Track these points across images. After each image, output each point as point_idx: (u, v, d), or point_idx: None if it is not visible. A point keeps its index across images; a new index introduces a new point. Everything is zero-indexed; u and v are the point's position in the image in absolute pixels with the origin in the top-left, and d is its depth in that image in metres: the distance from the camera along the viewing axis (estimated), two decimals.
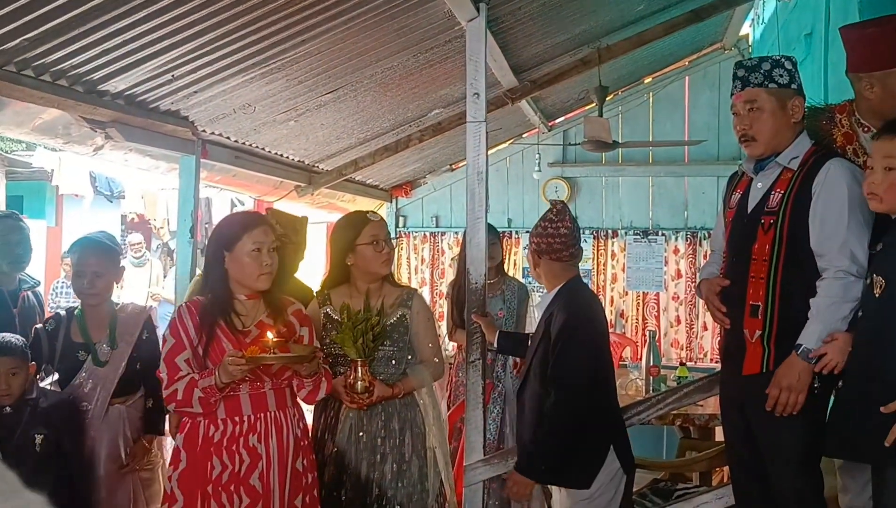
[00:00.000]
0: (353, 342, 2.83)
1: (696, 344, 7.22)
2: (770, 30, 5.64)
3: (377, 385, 2.89)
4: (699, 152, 7.09)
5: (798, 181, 2.44)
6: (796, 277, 2.43)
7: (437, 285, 7.66)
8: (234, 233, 2.67)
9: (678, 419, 4.48)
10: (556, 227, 2.93)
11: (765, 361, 2.46)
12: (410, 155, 6.34)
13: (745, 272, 2.50)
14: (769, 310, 2.45)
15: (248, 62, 3.44)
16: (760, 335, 2.46)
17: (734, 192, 2.68)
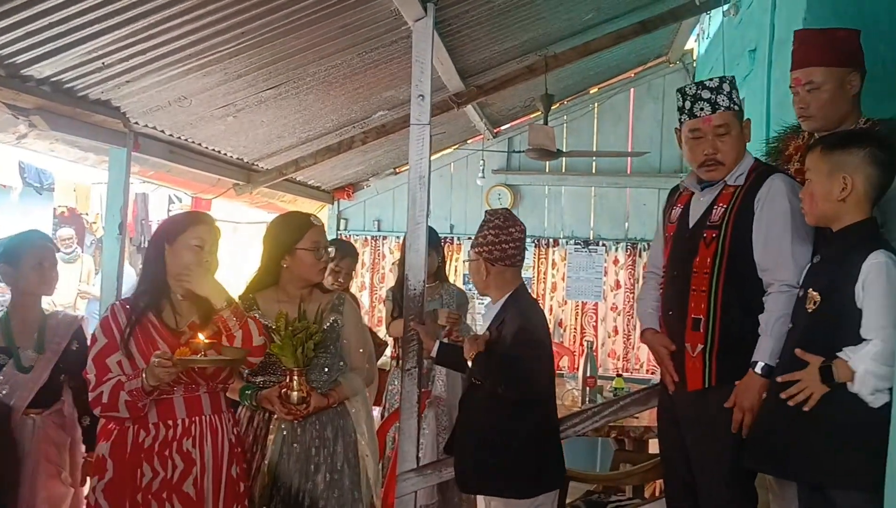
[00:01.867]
0: (292, 351, 2.71)
1: (632, 355, 7.29)
2: (715, 45, 5.71)
3: (313, 395, 2.78)
4: (641, 164, 7.17)
5: (741, 196, 2.46)
6: (737, 290, 2.44)
7: (378, 289, 7.57)
8: (178, 226, 2.58)
9: (613, 432, 4.47)
10: (509, 232, 2.91)
11: (707, 376, 2.45)
12: (353, 157, 6.25)
13: (687, 286, 2.50)
14: (711, 323, 2.45)
15: (184, 52, 3.31)
16: (702, 349, 2.46)
17: (674, 207, 2.69)
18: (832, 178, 2.11)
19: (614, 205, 7.40)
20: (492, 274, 2.91)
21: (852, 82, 2.54)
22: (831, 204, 2.13)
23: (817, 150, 2.19)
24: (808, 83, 2.55)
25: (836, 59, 2.55)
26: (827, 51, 2.57)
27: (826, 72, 2.53)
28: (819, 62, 2.55)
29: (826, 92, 2.52)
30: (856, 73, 2.54)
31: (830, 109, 2.53)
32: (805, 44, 2.64)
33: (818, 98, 2.53)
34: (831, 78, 2.52)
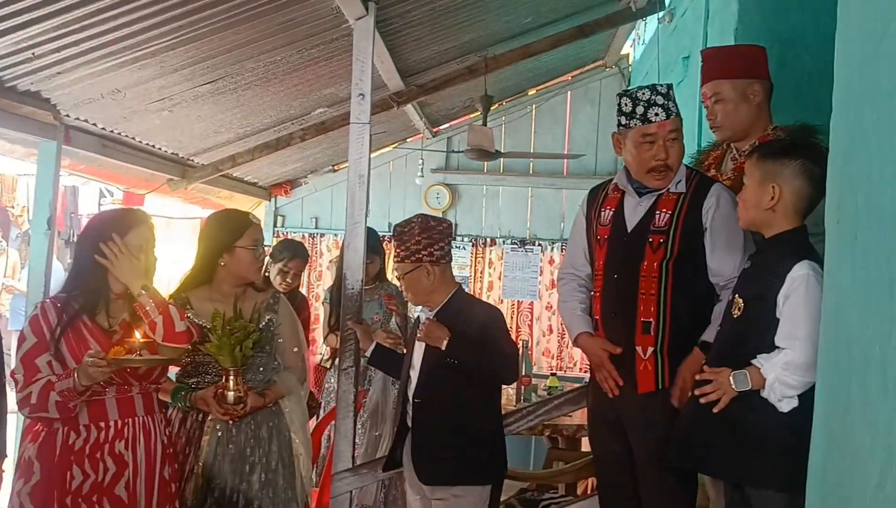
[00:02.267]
0: (229, 350, 2.67)
1: (566, 353, 7.40)
2: (650, 51, 5.83)
3: (250, 395, 2.75)
4: (577, 166, 7.28)
5: (686, 203, 2.53)
6: (685, 293, 2.52)
7: (314, 287, 7.52)
8: (119, 226, 2.52)
9: (547, 430, 4.54)
10: (438, 230, 2.94)
11: (659, 378, 2.51)
12: (292, 154, 6.20)
13: (634, 290, 2.54)
14: (661, 326, 2.51)
15: (118, 45, 3.24)
16: (653, 351, 2.52)
17: (603, 208, 2.71)
18: (763, 186, 2.16)
19: (550, 205, 7.50)
20: (437, 275, 2.91)
21: (755, 92, 2.69)
22: (760, 212, 2.19)
23: (754, 157, 2.25)
24: (714, 95, 2.71)
25: (736, 72, 2.70)
26: (728, 65, 2.73)
27: (729, 84, 2.69)
28: (721, 75, 2.70)
29: (731, 102, 2.68)
30: (758, 83, 2.70)
31: (736, 118, 2.69)
32: (709, 60, 2.81)
33: (724, 109, 2.69)
34: (734, 89, 2.68)
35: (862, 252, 1.53)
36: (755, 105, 2.70)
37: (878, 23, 1.50)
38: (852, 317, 1.56)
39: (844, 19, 1.70)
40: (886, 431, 1.38)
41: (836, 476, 1.61)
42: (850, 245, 1.57)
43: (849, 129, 1.65)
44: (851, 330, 1.56)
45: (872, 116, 1.51)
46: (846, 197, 1.63)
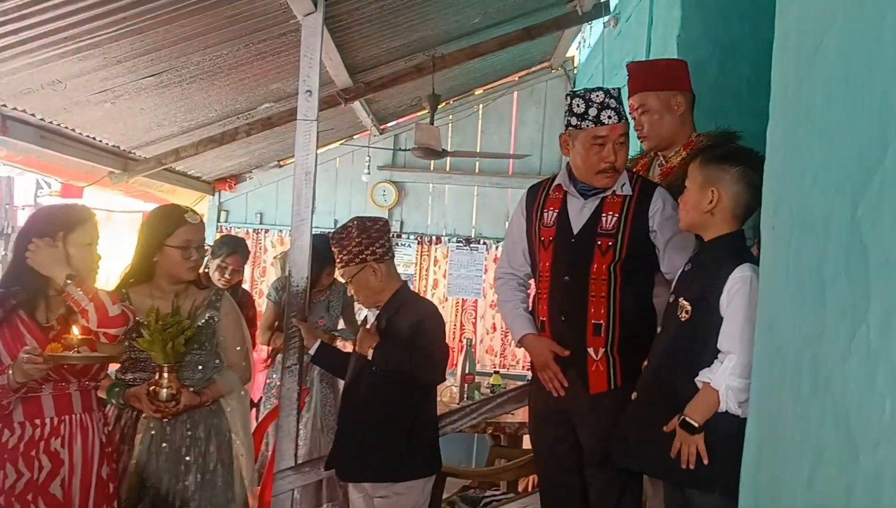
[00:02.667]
0: (161, 346, 2.63)
1: (509, 352, 7.45)
2: (595, 54, 5.92)
3: (184, 393, 2.70)
4: (522, 166, 7.34)
5: (632, 206, 2.58)
6: (633, 294, 2.58)
7: (258, 283, 7.44)
8: (66, 223, 2.47)
9: (490, 428, 4.59)
10: (376, 229, 2.96)
11: (611, 378, 2.56)
12: (237, 148, 6.12)
13: (584, 293, 2.57)
14: (611, 327, 2.55)
15: (59, 35, 3.16)
16: (605, 352, 2.56)
17: (545, 209, 2.72)
18: (703, 189, 2.21)
19: (496, 204, 7.55)
20: (384, 273, 2.93)
21: (678, 103, 2.79)
22: (699, 214, 2.23)
23: (698, 160, 2.29)
24: (640, 106, 2.80)
25: (660, 84, 2.80)
26: (651, 78, 2.83)
27: (654, 95, 2.78)
28: (646, 88, 2.80)
29: (656, 113, 2.78)
30: (680, 95, 2.80)
31: (661, 128, 2.79)
32: (635, 74, 2.89)
33: (650, 119, 2.79)
34: (658, 100, 2.79)
35: (795, 257, 1.58)
36: (678, 115, 2.79)
37: (812, 36, 1.55)
38: (786, 320, 1.62)
39: (781, 31, 1.75)
40: (816, 430, 1.43)
41: (768, 475, 1.67)
42: (785, 251, 1.63)
43: (784, 137, 1.71)
44: (784, 333, 1.61)
45: (806, 125, 1.57)
46: (781, 204, 1.68)
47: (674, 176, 2.74)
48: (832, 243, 1.40)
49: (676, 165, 2.78)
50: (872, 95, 1.29)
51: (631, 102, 2.82)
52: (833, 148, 1.44)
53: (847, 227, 1.35)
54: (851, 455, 1.28)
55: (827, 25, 1.49)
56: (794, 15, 1.69)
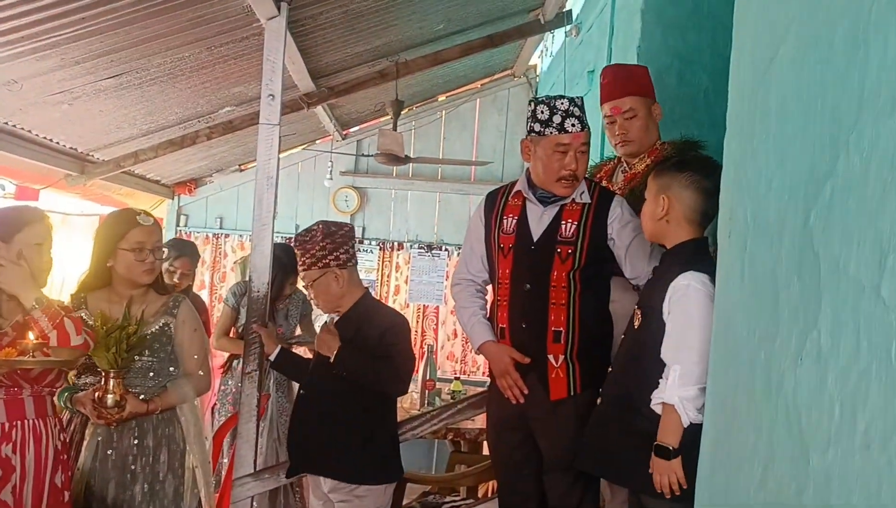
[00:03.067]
0: (105, 351, 2.57)
1: (470, 358, 7.47)
2: (557, 63, 5.98)
3: (130, 400, 2.64)
4: (484, 173, 7.37)
5: (591, 214, 2.60)
6: (592, 302, 2.60)
7: (218, 288, 7.37)
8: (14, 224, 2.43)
9: (450, 434, 4.60)
10: (341, 235, 2.95)
11: (571, 385, 2.58)
12: (197, 152, 6.06)
13: (545, 300, 2.58)
14: (571, 334, 2.57)
15: (16, 34, 3.11)
16: (564, 359, 2.58)
17: (504, 216, 2.73)
18: (656, 198, 2.25)
19: (458, 211, 7.56)
20: (346, 279, 2.92)
21: (657, 111, 2.86)
22: (655, 222, 2.27)
23: (654, 172, 2.34)
24: (628, 111, 2.81)
25: (643, 91, 2.85)
26: (637, 83, 2.87)
27: (640, 101, 2.82)
28: (636, 92, 2.82)
29: (641, 119, 2.82)
30: (656, 102, 2.85)
31: (645, 134, 2.83)
32: (621, 77, 2.91)
33: (636, 124, 2.81)
34: (644, 106, 2.82)
35: (750, 263, 1.62)
36: (656, 124, 2.84)
37: (767, 49, 1.59)
38: (741, 324, 1.65)
39: (738, 43, 1.80)
40: (769, 432, 1.46)
41: (722, 477, 1.70)
42: (740, 256, 1.67)
43: (740, 146, 1.75)
44: (739, 336, 1.65)
45: (762, 134, 1.61)
46: (737, 210, 1.72)
47: (637, 183, 2.78)
48: (785, 249, 1.44)
49: (640, 171, 2.81)
50: (824, 107, 1.33)
51: (617, 104, 2.82)
52: (787, 157, 1.47)
53: (800, 234, 1.38)
54: (802, 456, 1.32)
55: (781, 39, 1.53)
56: (750, 28, 1.73)
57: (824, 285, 1.29)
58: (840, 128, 1.27)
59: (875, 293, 1.13)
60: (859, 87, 1.21)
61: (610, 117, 2.86)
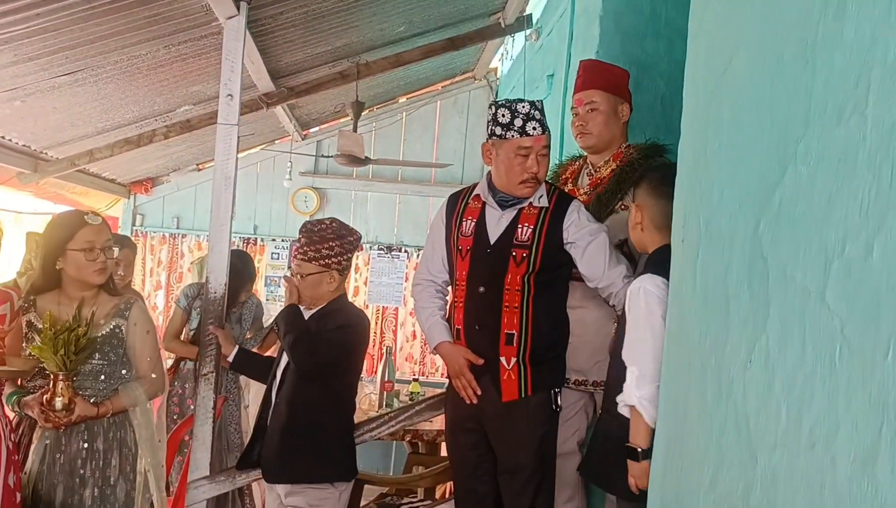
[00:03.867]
0: (53, 353, 2.53)
1: (428, 359, 7.49)
2: (517, 66, 6.01)
3: (79, 403, 2.60)
4: (444, 175, 7.40)
5: (548, 218, 2.62)
6: (545, 306, 2.61)
7: (174, 289, 7.28)
8: None
9: (408, 435, 4.60)
10: (350, 241, 2.98)
11: (522, 387, 2.59)
12: (154, 150, 5.98)
13: (498, 303, 2.60)
14: (523, 337, 2.59)
15: None
16: (516, 362, 2.59)
17: (464, 219, 2.75)
18: (634, 209, 2.31)
19: (417, 212, 7.58)
20: (337, 284, 2.94)
21: (623, 111, 2.88)
22: (633, 231, 2.33)
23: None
24: (590, 103, 2.84)
25: (612, 88, 2.87)
26: (607, 79, 2.89)
27: (605, 96, 2.84)
28: (599, 87, 2.84)
29: (603, 114, 2.83)
30: (626, 104, 2.87)
31: (605, 130, 2.84)
32: (589, 70, 2.94)
33: (596, 118, 2.83)
34: (608, 102, 2.84)
35: (702, 269, 1.66)
36: (621, 124, 2.87)
37: (721, 59, 1.63)
38: (692, 329, 1.69)
39: (693, 52, 1.83)
40: (719, 435, 1.50)
41: (674, 479, 1.73)
42: (693, 262, 1.70)
43: (694, 154, 1.78)
44: (691, 341, 1.68)
45: (714, 143, 1.65)
46: (690, 218, 1.76)
47: (603, 187, 2.81)
48: (736, 256, 1.48)
49: (606, 176, 2.84)
50: (774, 119, 1.37)
51: (580, 96, 2.86)
52: (738, 166, 1.51)
53: (749, 241, 1.42)
54: (750, 457, 1.35)
55: (734, 52, 1.57)
56: (705, 39, 1.77)
57: (772, 292, 1.33)
58: (789, 139, 1.30)
59: (820, 299, 1.17)
60: (807, 100, 1.25)
61: (574, 109, 2.90)
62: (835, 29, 1.18)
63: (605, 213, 2.78)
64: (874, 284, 1.05)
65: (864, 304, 1.07)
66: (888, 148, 1.03)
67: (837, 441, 1.10)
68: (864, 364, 1.05)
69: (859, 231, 1.08)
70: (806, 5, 1.27)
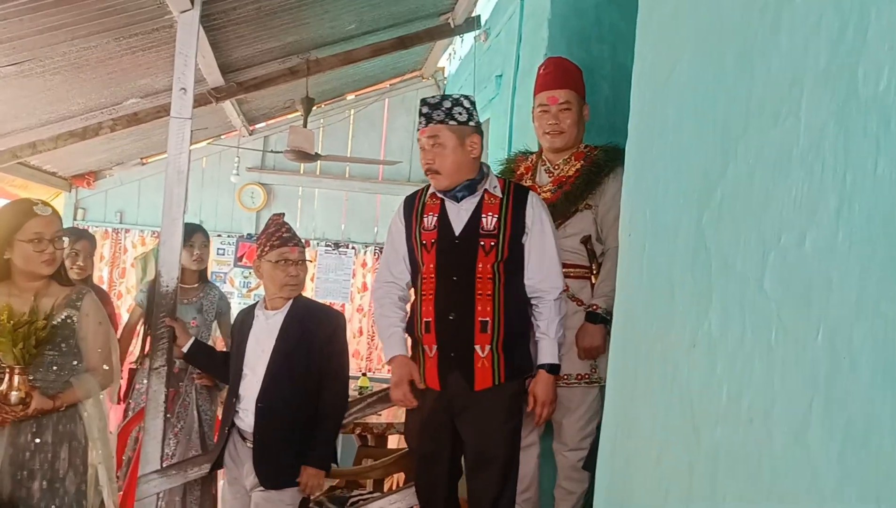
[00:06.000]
0: (10, 346, 2.51)
1: (375, 355, 7.53)
2: (465, 66, 6.10)
3: (35, 397, 2.58)
4: (392, 172, 7.45)
5: (510, 207, 2.68)
6: (514, 292, 2.67)
7: (117, 284, 7.19)
8: None
9: (357, 428, 4.64)
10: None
11: (496, 374, 2.64)
12: (98, 144, 5.90)
13: (471, 291, 2.65)
14: (496, 325, 2.64)
15: None
16: (490, 349, 2.64)
17: (424, 215, 2.79)
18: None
19: (365, 209, 7.62)
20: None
21: (586, 111, 3.00)
22: None
23: None
24: (564, 103, 2.92)
25: (580, 89, 2.98)
26: (576, 80, 2.99)
27: (575, 96, 2.95)
28: (572, 87, 2.95)
29: (574, 114, 2.95)
30: (587, 105, 2.98)
31: (575, 130, 2.95)
32: (560, 68, 3.00)
33: (569, 117, 2.93)
34: (577, 103, 2.95)
35: (649, 261, 1.76)
36: (583, 124, 2.98)
37: (666, 63, 1.73)
38: (640, 317, 1.79)
39: (639, 56, 1.93)
40: (665, 415, 1.60)
41: (622, 458, 1.83)
42: (639, 255, 1.80)
43: (640, 153, 1.89)
44: (639, 328, 1.78)
45: (660, 142, 1.75)
46: (637, 213, 1.86)
47: (570, 186, 2.89)
48: (680, 247, 1.58)
49: (572, 174, 2.92)
50: (716, 118, 1.47)
51: (553, 95, 2.94)
52: (682, 163, 1.61)
53: (693, 233, 1.52)
54: (694, 435, 1.45)
55: (678, 55, 1.67)
56: (651, 44, 1.87)
57: (715, 280, 1.43)
58: (729, 138, 1.41)
59: (759, 286, 1.27)
60: (746, 101, 1.36)
61: (545, 106, 2.96)
62: (772, 38, 1.29)
63: (572, 210, 2.87)
64: (807, 271, 1.15)
65: (797, 289, 1.17)
66: (819, 147, 1.14)
67: (774, 415, 1.21)
68: (798, 344, 1.16)
69: (793, 223, 1.19)
70: (746, 15, 1.38)
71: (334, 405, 3.03)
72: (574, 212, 2.89)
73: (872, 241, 1.01)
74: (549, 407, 2.67)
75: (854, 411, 1.03)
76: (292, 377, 2.94)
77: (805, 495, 1.12)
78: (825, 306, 1.10)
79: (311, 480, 2.91)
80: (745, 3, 1.38)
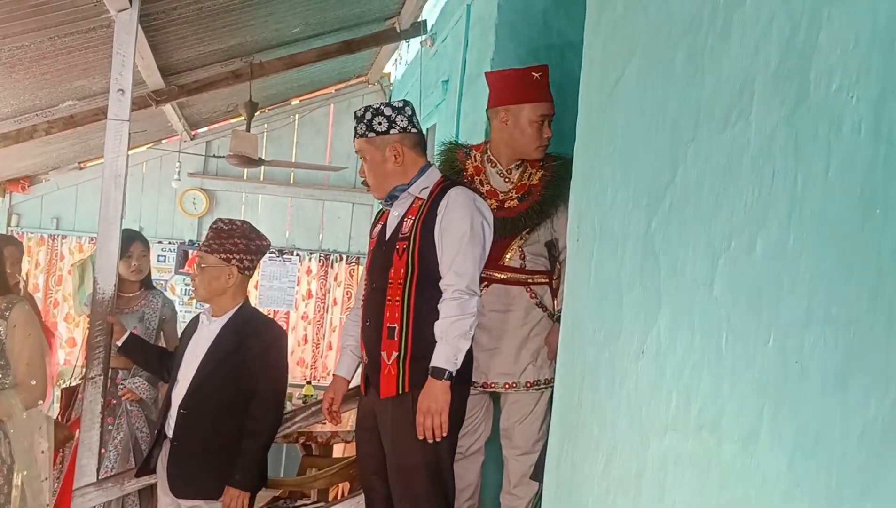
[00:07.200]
0: None
1: (320, 363, 7.45)
2: (412, 71, 6.07)
3: None
4: (338, 178, 7.39)
5: (426, 208, 2.60)
6: (427, 298, 2.55)
7: (53, 292, 6.97)
8: None
9: (301, 437, 4.57)
10: (257, 244, 3.00)
11: (400, 383, 2.54)
12: (34, 147, 5.71)
13: (383, 296, 2.58)
14: (404, 331, 2.55)
15: None
16: (397, 356, 2.55)
17: (378, 224, 2.78)
18: None
19: (310, 216, 7.54)
20: (235, 282, 2.92)
21: None
22: None
23: None
24: (551, 116, 2.89)
25: None
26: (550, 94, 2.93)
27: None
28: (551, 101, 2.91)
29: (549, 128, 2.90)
30: None
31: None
32: (546, 79, 2.94)
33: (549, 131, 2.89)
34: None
35: (597, 267, 1.74)
36: None
37: (615, 68, 1.72)
38: (587, 325, 1.77)
39: (587, 63, 1.92)
40: (612, 423, 1.58)
41: (569, 466, 1.81)
42: (588, 261, 1.79)
43: (588, 159, 1.87)
44: (586, 335, 1.77)
45: (608, 148, 1.73)
46: (585, 218, 1.84)
47: (538, 194, 2.85)
48: (629, 253, 1.56)
49: (536, 184, 2.88)
50: (665, 123, 1.46)
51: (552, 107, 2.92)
52: (631, 169, 1.60)
53: (642, 239, 1.51)
54: (643, 442, 1.43)
55: (626, 60, 1.66)
56: (599, 49, 1.86)
57: (664, 286, 1.41)
58: (679, 142, 1.39)
59: (708, 291, 1.26)
60: (696, 105, 1.34)
61: (544, 117, 2.89)
62: (721, 41, 1.28)
63: (543, 217, 2.85)
64: (757, 276, 1.14)
65: (747, 295, 1.16)
66: (769, 151, 1.13)
67: (723, 423, 1.19)
68: (748, 351, 1.14)
69: (744, 228, 1.18)
70: (695, 18, 1.37)
71: (261, 422, 2.91)
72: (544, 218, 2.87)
73: (823, 246, 1.00)
74: (433, 418, 2.45)
75: (804, 418, 1.01)
76: (218, 387, 2.86)
77: (755, 503, 1.10)
78: (776, 311, 1.08)
79: (234, 501, 2.83)
80: (694, 5, 1.37)
